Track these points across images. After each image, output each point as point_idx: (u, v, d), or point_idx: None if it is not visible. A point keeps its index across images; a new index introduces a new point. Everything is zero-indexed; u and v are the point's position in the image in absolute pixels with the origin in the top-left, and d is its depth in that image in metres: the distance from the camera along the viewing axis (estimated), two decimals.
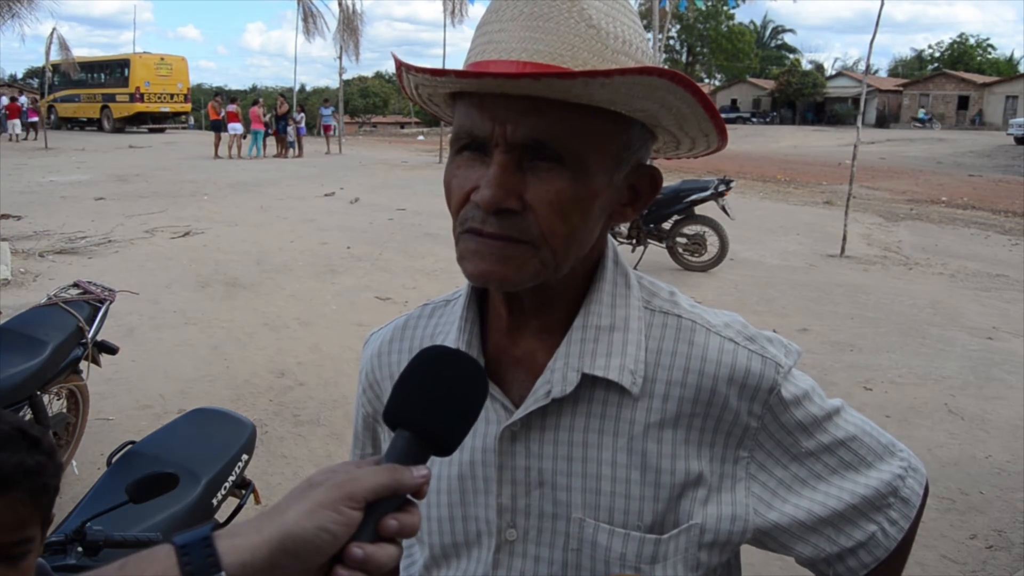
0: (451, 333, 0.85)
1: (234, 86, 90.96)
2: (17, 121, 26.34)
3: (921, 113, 47.55)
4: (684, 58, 59.32)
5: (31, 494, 1.05)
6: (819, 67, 65.74)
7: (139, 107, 29.63)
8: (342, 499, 0.56)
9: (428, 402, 0.63)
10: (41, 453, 1.09)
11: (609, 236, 0.85)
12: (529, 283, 0.74)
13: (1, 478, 1.01)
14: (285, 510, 0.57)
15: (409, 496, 0.60)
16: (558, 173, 0.70)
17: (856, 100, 18.89)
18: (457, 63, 0.77)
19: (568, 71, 0.65)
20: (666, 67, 0.69)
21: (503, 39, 0.70)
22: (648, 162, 0.81)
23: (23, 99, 28.18)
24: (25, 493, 1.04)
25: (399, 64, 0.75)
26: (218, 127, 21.12)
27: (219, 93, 29.69)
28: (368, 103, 55.18)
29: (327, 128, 24.22)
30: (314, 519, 0.55)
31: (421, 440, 0.62)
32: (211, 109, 22.05)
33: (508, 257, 0.72)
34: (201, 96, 48.30)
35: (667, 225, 8.43)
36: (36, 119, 26.27)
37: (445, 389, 0.64)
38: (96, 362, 3.62)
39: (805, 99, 55.71)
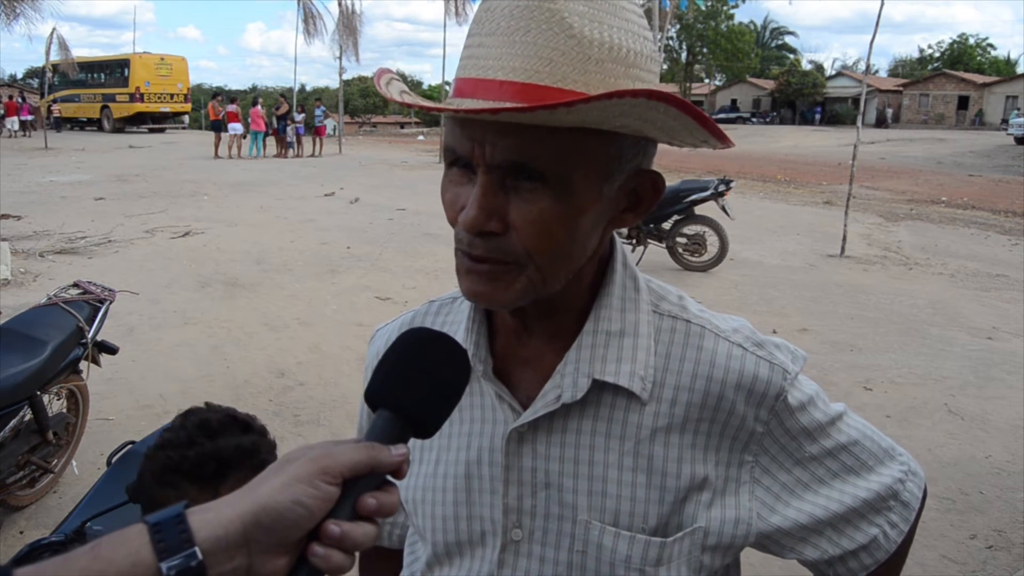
0: (459, 333, 0.84)
1: (234, 86, 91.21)
2: (15, 119, 26.39)
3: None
4: (684, 58, 59.26)
5: (253, 470, 1.14)
6: (819, 67, 65.82)
7: (139, 107, 29.66)
8: (318, 473, 0.55)
9: (409, 382, 0.63)
10: (254, 433, 1.18)
11: (617, 237, 0.84)
12: (520, 301, 0.74)
13: (224, 461, 1.10)
14: (260, 485, 0.56)
15: (389, 477, 0.59)
16: (540, 193, 0.68)
17: (856, 100, 18.89)
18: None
19: (528, 106, 0.62)
20: (641, 87, 0.65)
21: (482, 54, 0.69)
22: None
23: (21, 98, 28.25)
24: (248, 471, 1.11)
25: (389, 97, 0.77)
26: (218, 127, 21.15)
27: (219, 93, 29.69)
28: (368, 103, 55.18)
29: (320, 130, 23.00)
30: (289, 492, 0.54)
31: (401, 420, 0.62)
32: (211, 109, 22.08)
33: (495, 278, 0.72)
34: (201, 96, 48.36)
35: (667, 225, 8.43)
36: (34, 117, 26.35)
37: (427, 370, 0.64)
38: (96, 362, 3.62)
39: (805, 99, 55.71)
